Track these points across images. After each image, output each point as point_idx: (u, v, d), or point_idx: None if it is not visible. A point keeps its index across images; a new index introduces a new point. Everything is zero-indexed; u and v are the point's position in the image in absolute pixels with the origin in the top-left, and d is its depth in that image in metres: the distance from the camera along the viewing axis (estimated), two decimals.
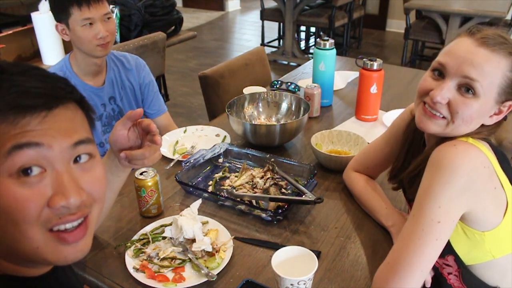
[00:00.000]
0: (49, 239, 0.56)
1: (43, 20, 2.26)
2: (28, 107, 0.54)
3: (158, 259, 1.01)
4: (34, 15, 2.27)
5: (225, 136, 1.60)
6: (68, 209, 0.56)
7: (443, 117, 0.91)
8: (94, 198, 0.61)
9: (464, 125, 0.90)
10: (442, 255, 0.90)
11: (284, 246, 1.00)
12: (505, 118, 0.93)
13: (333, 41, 1.80)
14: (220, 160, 1.46)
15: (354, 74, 2.17)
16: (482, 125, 0.93)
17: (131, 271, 0.99)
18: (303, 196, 1.16)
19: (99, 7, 1.46)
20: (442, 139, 0.94)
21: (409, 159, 1.09)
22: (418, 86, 0.96)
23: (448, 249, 0.92)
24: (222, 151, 1.46)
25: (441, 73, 0.91)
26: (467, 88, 0.88)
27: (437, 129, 0.93)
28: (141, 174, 1.15)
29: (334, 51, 1.80)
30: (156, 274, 0.98)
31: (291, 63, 4.92)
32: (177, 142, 1.59)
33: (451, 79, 0.89)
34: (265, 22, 5.07)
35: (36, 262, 0.59)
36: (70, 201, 0.55)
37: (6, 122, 0.52)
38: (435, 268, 0.98)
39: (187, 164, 1.33)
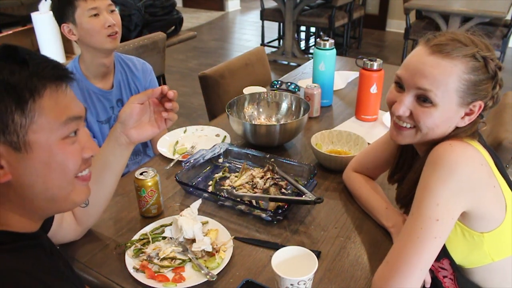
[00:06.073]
0: (76, 182, 0.73)
1: (43, 20, 2.26)
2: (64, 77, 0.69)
3: (158, 259, 1.01)
4: (34, 15, 2.27)
5: (225, 136, 1.60)
6: (91, 158, 0.75)
7: (411, 127, 0.94)
8: None
9: (432, 131, 0.92)
10: (438, 259, 0.90)
11: (284, 246, 1.00)
12: (481, 117, 0.93)
13: (333, 41, 1.80)
14: (220, 160, 1.45)
15: (354, 74, 2.17)
16: (458, 127, 0.93)
17: (131, 271, 0.99)
18: (303, 196, 1.16)
19: None
20: (432, 146, 0.95)
21: (401, 162, 1.11)
22: (386, 98, 1.00)
23: (444, 253, 0.92)
24: (222, 151, 1.46)
25: (401, 86, 0.94)
26: (423, 98, 0.90)
27: (408, 140, 0.97)
28: (141, 174, 1.15)
29: (334, 51, 1.80)
30: (156, 274, 0.98)
31: (291, 63, 4.92)
32: (177, 142, 1.59)
33: (408, 91, 0.92)
34: (265, 22, 5.07)
35: (62, 207, 0.74)
36: (95, 151, 0.75)
37: (51, 94, 0.66)
38: (430, 271, 0.98)
39: (187, 164, 1.33)
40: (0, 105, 0.61)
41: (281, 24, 5.15)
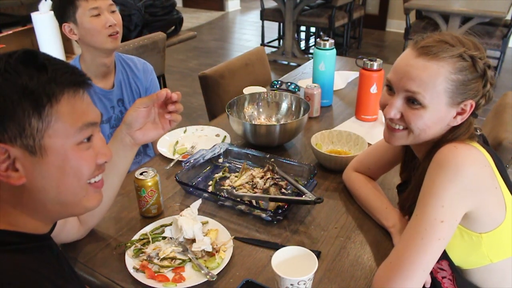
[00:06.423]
0: (89, 188, 0.74)
1: (43, 20, 2.26)
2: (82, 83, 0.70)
3: (158, 259, 1.01)
4: (34, 15, 2.27)
5: (225, 136, 1.60)
6: (104, 164, 0.75)
7: (404, 129, 0.95)
8: None
9: (424, 132, 0.93)
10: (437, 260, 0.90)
11: (284, 246, 1.00)
12: (475, 116, 0.93)
13: (333, 41, 1.80)
14: (220, 160, 1.45)
15: (354, 74, 2.18)
16: (454, 127, 0.93)
17: (131, 271, 0.99)
18: (303, 196, 1.16)
19: None
20: (430, 150, 0.95)
21: (407, 162, 1.11)
22: (379, 101, 1.01)
23: (443, 254, 0.92)
24: (222, 151, 1.46)
25: (391, 89, 0.95)
26: (412, 100, 0.90)
27: (401, 141, 0.98)
28: (141, 174, 1.15)
29: (334, 51, 1.80)
30: (156, 274, 0.98)
31: (291, 63, 4.92)
32: (177, 142, 1.59)
33: (398, 94, 0.93)
34: (265, 22, 5.07)
35: (74, 211, 0.75)
36: (109, 158, 0.75)
37: (68, 99, 0.66)
38: (430, 272, 0.98)
39: (187, 164, 1.33)
40: (18, 109, 0.62)
41: (281, 24, 5.15)
